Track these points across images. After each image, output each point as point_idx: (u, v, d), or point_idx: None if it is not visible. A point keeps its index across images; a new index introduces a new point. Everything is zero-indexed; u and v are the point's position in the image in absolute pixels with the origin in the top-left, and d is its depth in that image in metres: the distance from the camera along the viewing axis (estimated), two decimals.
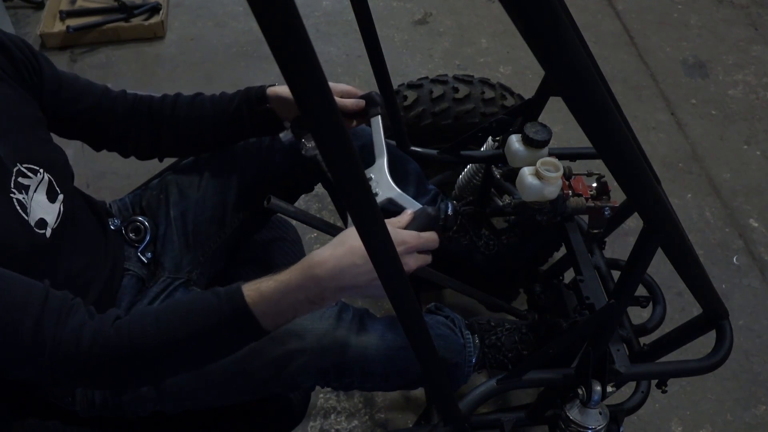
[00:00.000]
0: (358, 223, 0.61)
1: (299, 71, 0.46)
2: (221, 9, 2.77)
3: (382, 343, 1.06)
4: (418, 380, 1.13)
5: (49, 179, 0.98)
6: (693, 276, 0.94)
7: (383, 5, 2.78)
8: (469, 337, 1.19)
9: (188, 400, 1.04)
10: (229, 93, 1.19)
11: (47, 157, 0.99)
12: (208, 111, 1.17)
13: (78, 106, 1.08)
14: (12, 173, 0.91)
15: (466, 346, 1.17)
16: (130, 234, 1.18)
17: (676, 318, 1.74)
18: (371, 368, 1.05)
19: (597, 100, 0.58)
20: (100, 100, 1.11)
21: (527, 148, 1.25)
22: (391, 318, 1.11)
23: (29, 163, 0.94)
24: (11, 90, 0.96)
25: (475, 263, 1.44)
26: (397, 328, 1.08)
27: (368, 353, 1.04)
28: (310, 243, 1.91)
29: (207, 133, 1.18)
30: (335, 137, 0.52)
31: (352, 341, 1.04)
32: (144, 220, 1.19)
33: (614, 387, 1.11)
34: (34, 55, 1.02)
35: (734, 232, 2.01)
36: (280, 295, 0.80)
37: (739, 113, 2.39)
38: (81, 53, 2.56)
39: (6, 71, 0.97)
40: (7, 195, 0.90)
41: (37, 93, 1.02)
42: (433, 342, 0.79)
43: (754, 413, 1.62)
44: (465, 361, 1.16)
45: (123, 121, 1.13)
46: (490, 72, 2.48)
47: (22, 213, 0.91)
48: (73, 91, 1.08)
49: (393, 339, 1.06)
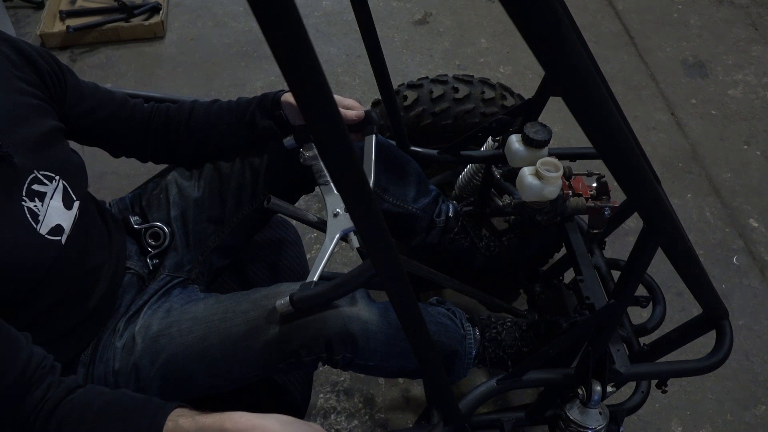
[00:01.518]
0: (358, 222, 0.61)
1: (299, 71, 0.46)
2: (221, 9, 2.77)
3: (383, 321, 1.06)
4: (416, 370, 1.13)
5: (65, 186, 0.99)
6: (693, 276, 0.94)
7: (383, 5, 2.79)
8: (469, 329, 1.19)
9: (191, 385, 1.03)
10: (247, 98, 1.21)
11: (63, 164, 1.01)
12: (225, 117, 1.19)
13: (97, 115, 1.12)
14: (26, 181, 0.92)
15: (466, 338, 1.17)
16: (149, 239, 1.19)
17: (676, 318, 1.74)
18: (372, 344, 1.05)
19: (597, 100, 0.58)
20: (118, 109, 1.15)
21: (527, 148, 1.25)
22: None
23: (45, 170, 0.96)
24: (34, 100, 0.99)
25: (476, 264, 1.44)
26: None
27: (370, 328, 1.04)
28: (310, 243, 1.91)
29: (223, 139, 1.20)
30: (335, 136, 0.52)
31: (354, 313, 1.04)
32: (164, 226, 1.20)
33: (614, 387, 1.11)
34: (59, 66, 1.06)
35: (734, 232, 2.01)
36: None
37: (739, 113, 2.39)
38: (81, 53, 2.56)
39: (31, 83, 1.00)
40: (18, 203, 0.91)
41: (59, 102, 1.06)
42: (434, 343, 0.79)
43: (754, 413, 1.63)
44: (465, 351, 1.16)
45: (141, 129, 1.17)
46: (490, 72, 2.48)
47: (32, 222, 0.92)
48: (92, 100, 1.12)
49: (394, 318, 1.06)
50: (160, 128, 1.19)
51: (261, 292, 1.05)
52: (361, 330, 1.04)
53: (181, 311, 1.04)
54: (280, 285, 1.05)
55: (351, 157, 0.54)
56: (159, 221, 1.20)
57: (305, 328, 1.01)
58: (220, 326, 1.01)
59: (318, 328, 1.01)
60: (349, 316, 1.03)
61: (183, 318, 1.03)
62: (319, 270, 1.00)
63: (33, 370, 0.82)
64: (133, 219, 1.20)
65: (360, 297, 1.07)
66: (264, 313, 1.00)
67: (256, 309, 1.01)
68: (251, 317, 1.01)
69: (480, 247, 1.42)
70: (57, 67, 1.06)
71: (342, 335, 1.03)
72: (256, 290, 1.06)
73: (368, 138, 1.18)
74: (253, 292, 1.05)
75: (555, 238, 1.40)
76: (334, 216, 1.06)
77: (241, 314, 1.01)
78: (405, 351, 1.09)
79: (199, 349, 1.00)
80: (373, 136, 1.18)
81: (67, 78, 1.08)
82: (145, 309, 1.06)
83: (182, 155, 1.23)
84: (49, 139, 1.00)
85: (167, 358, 1.00)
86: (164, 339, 1.01)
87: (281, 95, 1.16)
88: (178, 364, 1.00)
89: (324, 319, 1.02)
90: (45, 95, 1.02)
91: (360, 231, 0.63)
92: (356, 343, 1.04)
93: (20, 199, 0.91)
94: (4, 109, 0.93)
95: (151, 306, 1.07)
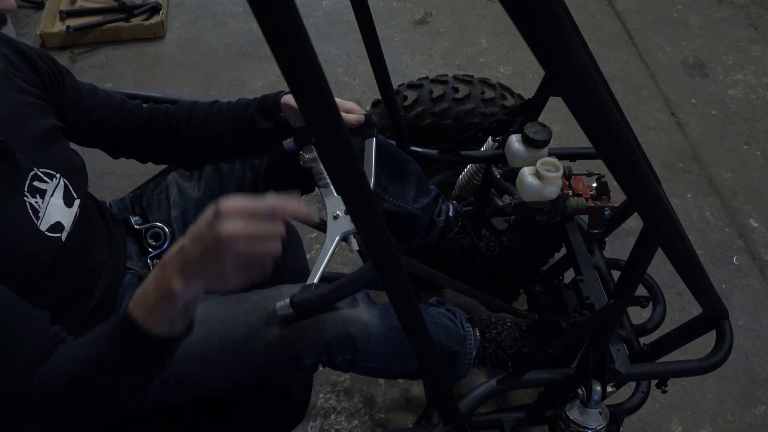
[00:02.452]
0: (359, 224, 0.61)
1: (299, 71, 0.46)
2: (221, 9, 2.77)
3: (383, 323, 1.06)
4: (417, 371, 1.13)
5: (65, 184, 0.99)
6: (693, 276, 0.94)
7: (383, 5, 2.78)
8: (469, 329, 1.19)
9: (191, 385, 1.03)
10: (247, 99, 1.21)
11: (64, 162, 1.01)
12: (224, 119, 1.19)
13: (95, 116, 1.12)
14: (27, 177, 0.93)
15: (466, 338, 1.17)
16: (149, 240, 1.19)
17: (676, 318, 1.74)
18: (372, 346, 1.05)
19: (597, 100, 0.58)
20: (116, 111, 1.15)
21: (527, 148, 1.25)
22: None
23: (46, 167, 0.96)
24: (35, 99, 0.99)
25: (476, 264, 1.44)
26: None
27: (370, 330, 1.04)
28: (310, 243, 1.91)
29: (223, 140, 1.20)
30: (334, 135, 0.52)
31: (354, 316, 1.04)
32: (165, 227, 1.20)
33: (614, 387, 1.11)
34: (57, 67, 1.06)
35: (734, 232, 2.01)
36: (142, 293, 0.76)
37: (739, 113, 2.39)
38: (81, 53, 2.56)
39: (31, 83, 1.00)
40: (20, 197, 0.91)
41: (58, 103, 1.06)
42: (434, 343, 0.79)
43: (754, 413, 1.62)
44: (465, 352, 1.16)
45: (140, 131, 1.18)
46: (490, 72, 2.48)
47: (33, 217, 0.92)
48: (91, 102, 1.12)
49: (395, 320, 1.06)
50: (160, 129, 1.18)
51: (261, 294, 1.05)
52: (362, 332, 1.04)
53: None
54: (280, 287, 1.05)
55: (351, 159, 0.54)
56: (159, 222, 1.20)
57: (305, 330, 1.01)
58: (220, 328, 1.00)
59: (318, 330, 1.01)
60: (350, 318, 1.03)
61: None
62: (320, 272, 1.00)
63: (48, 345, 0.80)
64: (133, 219, 1.20)
65: (361, 299, 1.07)
66: (264, 315, 1.00)
67: (255, 311, 1.01)
68: (251, 320, 1.00)
69: (480, 247, 1.42)
70: (56, 68, 1.06)
71: (342, 338, 1.03)
72: (255, 292, 1.06)
73: (368, 141, 1.18)
74: (253, 293, 1.05)
75: (555, 238, 1.40)
76: (334, 218, 1.06)
77: (241, 316, 1.01)
78: (406, 353, 1.08)
79: (199, 351, 0.99)
80: (373, 140, 1.18)
81: (66, 80, 1.08)
82: None
83: (182, 156, 1.23)
84: (50, 138, 1.00)
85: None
86: None
87: (281, 97, 1.16)
88: (178, 366, 0.99)
89: (324, 321, 1.02)
90: (45, 95, 1.02)
91: (361, 233, 0.63)
92: (356, 345, 1.04)
93: (22, 194, 0.91)
94: (5, 107, 0.93)
95: None
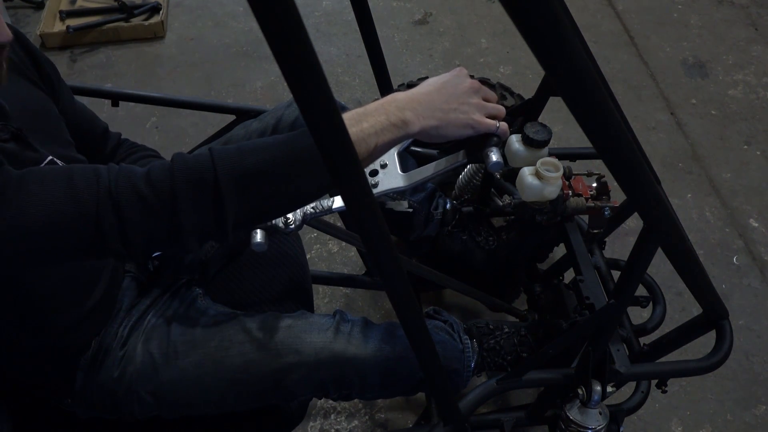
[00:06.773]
0: (359, 223, 0.61)
1: (299, 71, 0.46)
2: (221, 9, 2.77)
3: (380, 355, 1.06)
4: (417, 386, 1.13)
5: None
6: (693, 276, 0.94)
7: (383, 5, 2.78)
8: (467, 341, 1.19)
9: (185, 407, 1.04)
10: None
11: (72, 158, 1.00)
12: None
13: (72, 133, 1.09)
14: (44, 161, 0.91)
15: (464, 351, 1.17)
16: None
17: (676, 318, 1.74)
18: (370, 380, 1.06)
19: (597, 100, 0.58)
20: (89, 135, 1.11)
21: (527, 148, 1.25)
22: (389, 326, 1.11)
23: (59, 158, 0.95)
24: (43, 95, 0.99)
25: (475, 261, 1.44)
26: (394, 338, 1.08)
27: (366, 366, 1.04)
28: (310, 243, 1.91)
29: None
30: (333, 135, 0.52)
31: (350, 355, 1.04)
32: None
33: (614, 387, 1.11)
34: (58, 79, 1.04)
35: (734, 232, 2.01)
36: (359, 117, 0.79)
37: (739, 113, 2.39)
38: (81, 53, 2.56)
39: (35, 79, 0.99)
40: None
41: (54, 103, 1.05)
42: (433, 342, 0.79)
43: (754, 413, 1.62)
44: (464, 367, 1.16)
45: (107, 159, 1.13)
46: (490, 72, 2.48)
47: None
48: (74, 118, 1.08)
49: (390, 350, 1.07)
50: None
51: (257, 320, 1.05)
52: (357, 372, 1.04)
53: (181, 331, 1.04)
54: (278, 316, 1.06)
55: (352, 158, 0.54)
56: None
57: (299, 367, 1.01)
58: (215, 354, 1.01)
59: (312, 371, 1.02)
60: (345, 358, 1.03)
61: (180, 339, 1.03)
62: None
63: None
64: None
65: (357, 332, 1.07)
66: (258, 346, 1.01)
67: (251, 342, 1.02)
68: (246, 350, 1.01)
69: (478, 241, 1.42)
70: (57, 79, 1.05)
71: (337, 380, 1.04)
72: (253, 318, 1.06)
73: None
74: (251, 319, 1.05)
75: (554, 235, 1.40)
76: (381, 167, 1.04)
77: (237, 345, 1.02)
78: (402, 379, 1.09)
79: (194, 375, 1.00)
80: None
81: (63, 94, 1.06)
82: (149, 317, 1.06)
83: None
84: (60, 131, 1.00)
85: (162, 380, 1.00)
86: (161, 359, 1.01)
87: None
88: (172, 387, 1.01)
89: (318, 362, 1.02)
90: (49, 94, 1.02)
91: (360, 231, 0.63)
92: (352, 383, 1.05)
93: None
94: (18, 97, 0.92)
95: (154, 314, 1.07)
